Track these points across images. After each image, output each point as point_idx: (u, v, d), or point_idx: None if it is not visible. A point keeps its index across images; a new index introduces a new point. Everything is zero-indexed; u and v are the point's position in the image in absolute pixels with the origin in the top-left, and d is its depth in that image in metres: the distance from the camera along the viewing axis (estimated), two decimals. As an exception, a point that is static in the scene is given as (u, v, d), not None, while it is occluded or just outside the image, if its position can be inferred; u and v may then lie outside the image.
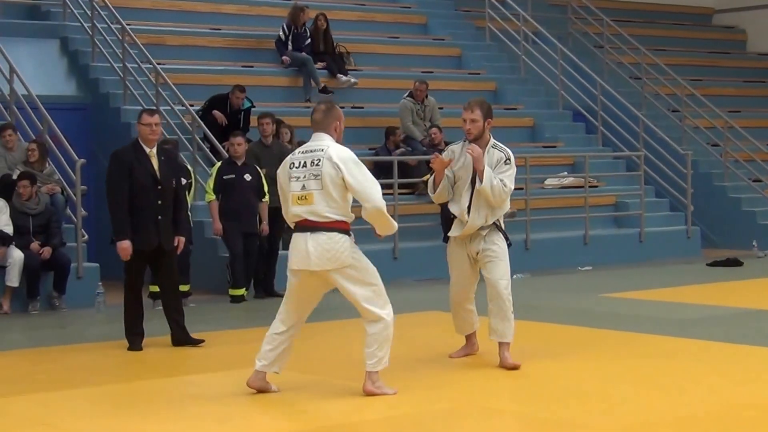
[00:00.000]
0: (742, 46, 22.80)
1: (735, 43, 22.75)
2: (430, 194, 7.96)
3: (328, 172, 6.69)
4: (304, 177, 6.76)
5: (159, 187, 8.69)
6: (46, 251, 11.17)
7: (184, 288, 11.34)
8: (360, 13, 18.19)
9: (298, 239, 6.82)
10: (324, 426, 6.38)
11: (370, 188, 6.73)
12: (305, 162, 6.79)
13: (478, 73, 17.71)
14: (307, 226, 6.79)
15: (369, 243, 13.49)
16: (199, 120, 13.34)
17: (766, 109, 20.57)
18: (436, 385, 7.22)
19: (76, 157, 11.91)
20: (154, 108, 9.81)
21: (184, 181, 9.81)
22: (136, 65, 13.99)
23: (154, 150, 8.75)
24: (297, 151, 6.99)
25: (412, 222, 12.89)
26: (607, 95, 17.10)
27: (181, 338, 8.97)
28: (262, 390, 6.98)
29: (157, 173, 8.70)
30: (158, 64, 13.75)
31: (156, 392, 7.41)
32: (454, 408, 6.68)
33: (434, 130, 14.64)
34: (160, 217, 8.70)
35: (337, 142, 6.95)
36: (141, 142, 8.76)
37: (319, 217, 6.75)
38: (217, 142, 13.04)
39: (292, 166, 6.86)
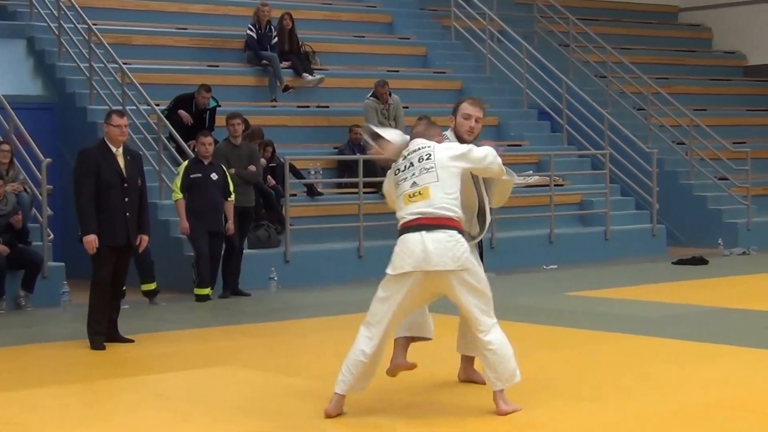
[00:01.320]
0: (707, 44, 22.91)
1: (701, 42, 22.87)
2: None
3: (441, 160, 6.35)
4: (414, 174, 6.36)
5: (125, 185, 8.88)
6: (2, 248, 11.14)
7: (150, 287, 11.41)
8: (325, 12, 18.22)
9: (411, 239, 6.25)
10: (290, 425, 6.36)
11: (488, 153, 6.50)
12: (411, 162, 6.42)
13: (444, 72, 17.77)
14: (422, 224, 6.26)
15: (333, 241, 13.65)
16: (165, 119, 13.31)
17: (731, 108, 20.69)
18: (412, 388, 7.14)
19: (42, 157, 11.91)
20: (122, 109, 9.91)
21: None
22: (103, 65, 13.96)
23: (121, 150, 8.93)
24: (399, 158, 6.54)
25: (377, 221, 12.93)
26: (572, 94, 17.17)
27: (112, 335, 9.07)
28: (338, 414, 6.44)
29: (124, 172, 8.89)
30: (124, 63, 13.73)
31: (121, 391, 7.41)
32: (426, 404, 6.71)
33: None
34: (127, 214, 8.87)
35: None
36: (108, 142, 8.93)
37: (437, 213, 6.28)
38: (182, 142, 13.03)
39: (397, 171, 6.48)
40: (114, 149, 8.91)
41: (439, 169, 6.36)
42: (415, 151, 6.48)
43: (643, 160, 16.59)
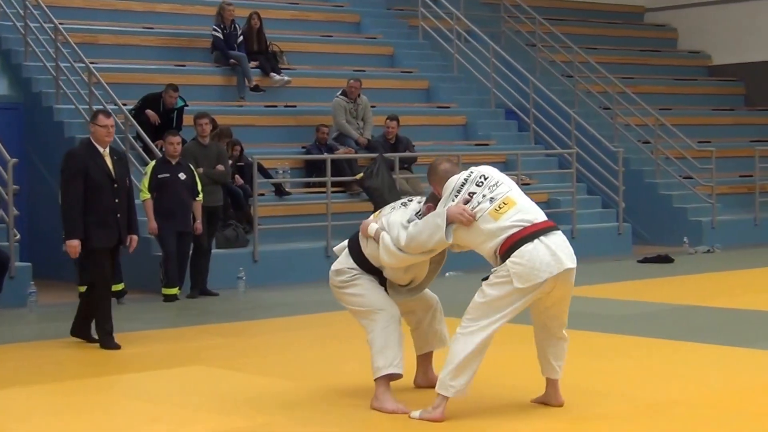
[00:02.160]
0: (673, 44, 23.04)
1: (666, 42, 22.99)
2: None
3: (498, 175, 6.32)
4: (485, 196, 6.22)
5: (115, 186, 8.82)
6: None
7: (118, 287, 11.33)
8: (293, 11, 18.18)
9: (534, 250, 6.06)
10: (259, 425, 6.38)
11: None
12: (469, 190, 6.27)
13: (411, 72, 17.79)
14: (532, 232, 6.11)
15: (301, 241, 13.66)
16: (132, 119, 13.28)
17: (696, 107, 20.81)
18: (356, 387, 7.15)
19: (9, 157, 11.85)
20: (108, 110, 9.89)
21: None
22: (69, 64, 13.89)
23: (107, 150, 8.87)
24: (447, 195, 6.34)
25: (345, 220, 12.95)
26: (539, 93, 17.22)
27: (81, 332, 9.08)
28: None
29: (113, 172, 8.83)
30: (91, 63, 13.67)
31: (90, 392, 7.40)
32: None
33: (390, 123, 14.74)
34: (118, 215, 8.83)
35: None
36: (94, 142, 8.86)
37: (539, 218, 6.18)
38: (150, 142, 13.02)
39: (453, 200, 6.29)
40: (101, 149, 8.82)
41: (503, 179, 6.33)
42: (464, 182, 6.31)
43: (609, 159, 16.67)
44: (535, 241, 6.11)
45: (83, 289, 11.20)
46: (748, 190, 18.10)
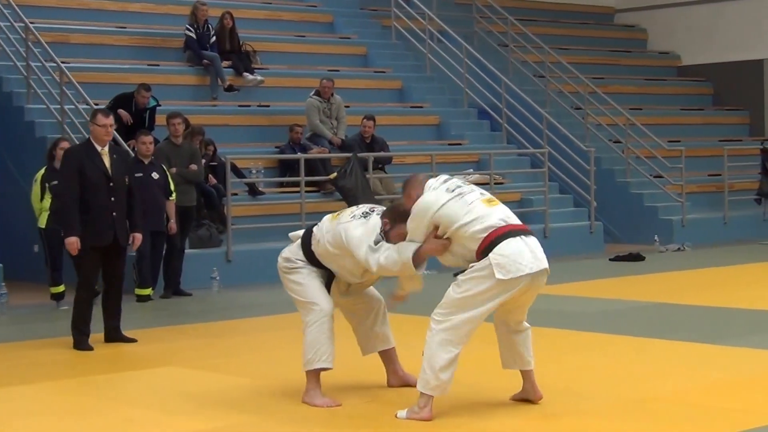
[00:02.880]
0: (643, 44, 23.18)
1: (636, 42, 23.13)
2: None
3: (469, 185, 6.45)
4: (473, 190, 6.33)
5: (111, 184, 8.84)
6: None
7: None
8: (266, 11, 18.19)
9: (517, 245, 6.13)
10: (233, 425, 6.40)
11: None
12: (453, 185, 6.34)
13: (384, 72, 17.85)
14: (515, 230, 6.19)
15: (274, 241, 13.65)
16: (105, 119, 13.28)
17: (666, 107, 20.97)
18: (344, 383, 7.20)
19: (-22, 157, 11.90)
20: (107, 110, 9.92)
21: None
22: (40, 64, 13.83)
23: (106, 148, 8.89)
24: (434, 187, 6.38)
25: (318, 220, 12.92)
26: (511, 93, 17.29)
27: (115, 336, 9.12)
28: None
29: (109, 171, 8.84)
30: (63, 62, 13.61)
31: (62, 393, 7.39)
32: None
33: (367, 123, 14.75)
34: (114, 214, 8.84)
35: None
36: (93, 141, 8.90)
37: (517, 221, 6.31)
38: (122, 141, 12.98)
39: (448, 190, 6.29)
40: (99, 148, 8.86)
41: (476, 188, 6.42)
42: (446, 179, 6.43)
43: (580, 159, 16.76)
44: (517, 238, 6.17)
45: (55, 290, 11.30)
46: (717, 188, 18.26)
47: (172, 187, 11.69)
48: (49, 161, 11.20)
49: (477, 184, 15.59)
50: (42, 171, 11.32)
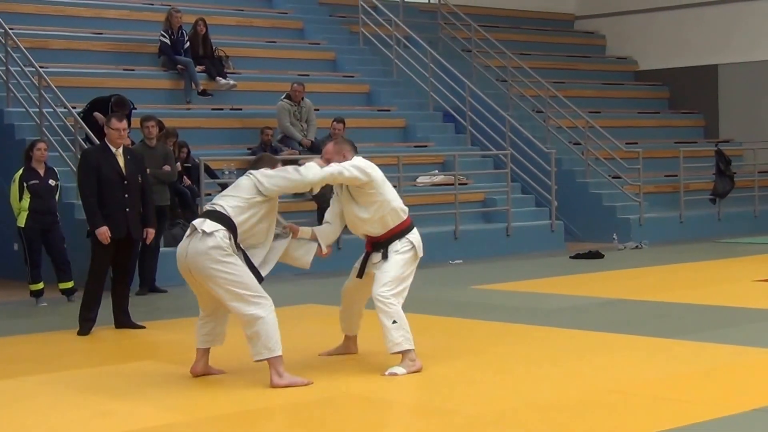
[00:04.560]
0: (601, 50, 23.29)
1: (595, 48, 23.23)
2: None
3: None
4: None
5: (125, 183, 9.44)
6: None
7: (68, 285, 11.48)
8: (238, 18, 18.29)
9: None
10: (208, 418, 6.47)
11: None
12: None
13: (352, 76, 17.96)
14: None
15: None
16: (81, 122, 13.31)
17: (624, 110, 21.12)
18: (320, 375, 7.32)
19: (-41, 159, 11.99)
20: (122, 114, 10.42)
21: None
22: (19, 68, 13.93)
23: (120, 150, 9.49)
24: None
25: (290, 219, 13.12)
26: (475, 97, 17.42)
27: (125, 322, 9.68)
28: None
29: (123, 170, 9.44)
30: (41, 67, 13.70)
31: (39, 387, 7.40)
32: (333, 396, 6.87)
33: (337, 125, 14.83)
34: (127, 209, 9.42)
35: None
36: (108, 143, 9.49)
37: None
38: (98, 142, 13.19)
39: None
40: (114, 150, 9.46)
41: None
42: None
43: (542, 160, 16.85)
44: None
45: (35, 287, 11.42)
46: (673, 189, 18.38)
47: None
48: (27, 162, 11.41)
49: (442, 184, 15.97)
50: (20, 171, 11.44)
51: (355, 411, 6.64)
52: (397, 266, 7.44)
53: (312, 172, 7.26)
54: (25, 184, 11.28)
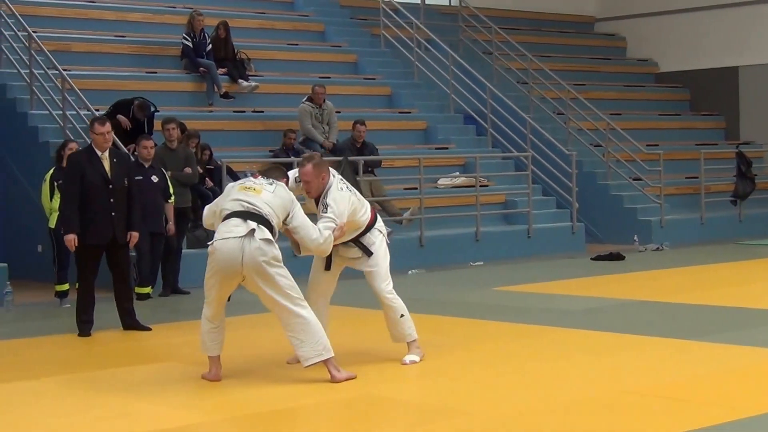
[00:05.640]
0: (622, 52, 23.28)
1: (616, 50, 23.21)
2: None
3: None
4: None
5: (110, 187, 9.41)
6: None
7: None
8: (260, 21, 18.32)
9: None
10: (228, 419, 6.54)
11: None
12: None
13: (374, 78, 17.99)
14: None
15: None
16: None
17: (645, 112, 21.11)
18: (319, 377, 7.31)
19: (-17, 162, 12.08)
20: (105, 117, 10.48)
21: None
22: (43, 71, 14.02)
23: (107, 153, 9.46)
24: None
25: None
26: (496, 99, 17.42)
27: (131, 323, 9.71)
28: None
29: (108, 174, 9.40)
30: (64, 70, 13.78)
31: (63, 387, 7.46)
32: (352, 398, 6.90)
33: (360, 128, 14.92)
34: (113, 214, 9.40)
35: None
36: (94, 147, 9.46)
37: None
38: (122, 145, 13.25)
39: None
40: (99, 153, 9.43)
41: None
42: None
43: (563, 162, 16.88)
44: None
45: (60, 288, 11.52)
46: (694, 191, 18.37)
47: (171, 190, 11.89)
48: (58, 161, 11.50)
49: (463, 186, 16.02)
50: (51, 171, 11.56)
51: (378, 412, 6.72)
52: (382, 259, 7.80)
53: (327, 242, 7.54)
54: (55, 184, 11.31)
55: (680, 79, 22.34)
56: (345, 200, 7.57)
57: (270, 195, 7.36)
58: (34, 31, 14.26)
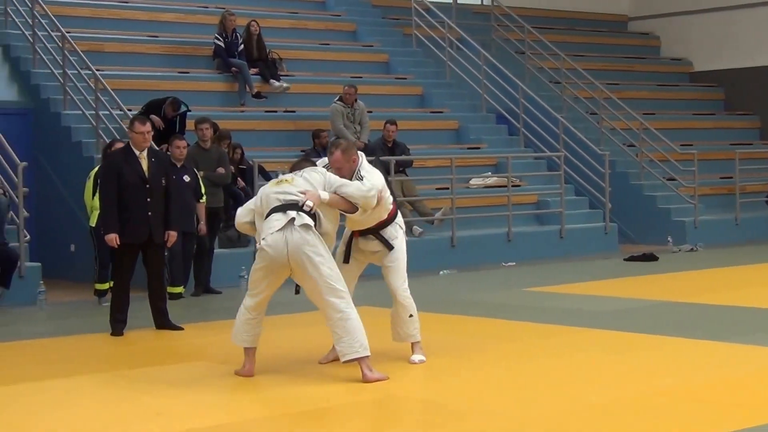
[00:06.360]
0: (656, 51, 23.22)
1: (649, 49, 23.17)
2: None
3: None
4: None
5: (147, 186, 9.42)
6: None
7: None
8: (292, 21, 18.39)
9: None
10: (260, 419, 6.59)
11: None
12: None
13: (405, 78, 18.01)
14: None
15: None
16: (138, 124, 13.54)
17: (678, 112, 21.04)
18: (351, 377, 7.34)
19: (18, 161, 12.14)
20: (145, 116, 10.50)
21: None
22: (76, 71, 14.11)
23: (144, 153, 9.47)
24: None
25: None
26: (528, 99, 17.43)
27: (163, 323, 9.72)
28: None
29: (146, 173, 9.42)
30: (97, 70, 13.89)
31: (96, 386, 7.53)
32: (383, 398, 6.92)
33: (391, 127, 14.95)
34: (149, 213, 9.41)
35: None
36: (132, 146, 9.48)
37: None
38: (154, 145, 13.28)
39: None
40: (137, 152, 9.45)
41: None
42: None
43: (595, 162, 16.88)
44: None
45: (100, 286, 11.54)
46: (728, 191, 18.32)
47: (203, 190, 11.92)
48: (104, 159, 11.54)
49: (495, 186, 16.01)
50: (95, 169, 11.58)
51: (409, 412, 6.74)
52: (402, 254, 7.85)
53: (372, 192, 7.56)
54: (99, 182, 11.32)
55: (714, 78, 22.25)
56: (378, 174, 7.65)
57: (302, 180, 7.45)
58: (67, 32, 14.38)
